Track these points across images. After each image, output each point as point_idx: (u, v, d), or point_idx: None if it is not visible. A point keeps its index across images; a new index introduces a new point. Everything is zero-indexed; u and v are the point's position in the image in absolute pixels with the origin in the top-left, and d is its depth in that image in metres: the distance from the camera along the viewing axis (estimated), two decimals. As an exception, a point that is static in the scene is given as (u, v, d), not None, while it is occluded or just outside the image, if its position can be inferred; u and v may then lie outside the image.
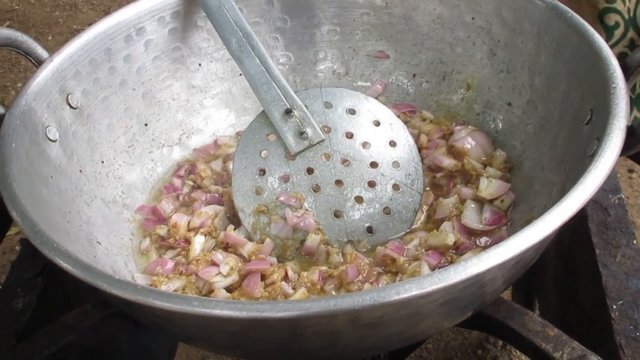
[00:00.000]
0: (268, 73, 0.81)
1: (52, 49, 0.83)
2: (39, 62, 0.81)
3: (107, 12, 2.22)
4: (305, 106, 0.80)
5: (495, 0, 0.87)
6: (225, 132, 0.96)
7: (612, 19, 1.19)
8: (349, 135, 0.79)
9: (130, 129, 0.88)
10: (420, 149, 0.85)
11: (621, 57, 1.21)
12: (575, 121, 0.72)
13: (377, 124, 0.81)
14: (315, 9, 0.97)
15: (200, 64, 0.95)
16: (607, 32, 1.20)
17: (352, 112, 0.81)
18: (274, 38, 0.98)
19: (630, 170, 1.74)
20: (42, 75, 0.78)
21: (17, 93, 1.99)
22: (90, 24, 2.17)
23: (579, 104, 0.73)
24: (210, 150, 0.93)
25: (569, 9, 0.79)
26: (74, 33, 2.14)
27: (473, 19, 0.90)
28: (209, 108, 0.96)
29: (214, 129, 0.96)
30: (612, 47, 1.23)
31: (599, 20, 1.19)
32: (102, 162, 0.83)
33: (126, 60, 0.88)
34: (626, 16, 1.19)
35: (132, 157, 0.88)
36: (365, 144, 0.79)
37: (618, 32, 1.21)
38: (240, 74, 0.91)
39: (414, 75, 0.96)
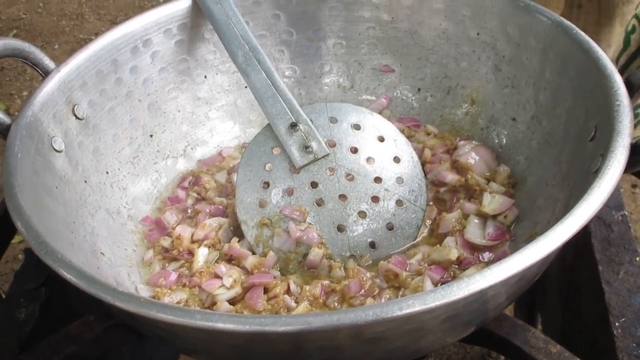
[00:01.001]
0: (274, 87, 0.82)
1: (59, 58, 0.84)
2: (45, 73, 0.81)
3: (113, 22, 2.24)
4: (311, 120, 0.80)
5: (500, 16, 0.87)
6: (230, 144, 0.96)
7: (630, 23, 1.19)
8: (354, 150, 0.80)
9: (136, 140, 0.89)
10: (424, 164, 0.85)
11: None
12: (579, 137, 0.72)
13: (382, 139, 0.81)
14: (321, 22, 0.98)
15: (206, 76, 0.96)
16: (625, 38, 1.20)
17: (357, 127, 0.81)
18: (280, 51, 0.98)
19: (634, 186, 1.74)
20: (49, 86, 0.78)
21: (22, 101, 2.00)
22: (96, 34, 2.19)
23: (584, 121, 0.73)
24: (214, 162, 0.93)
25: (574, 26, 0.79)
26: (80, 42, 2.15)
27: (478, 34, 0.90)
28: (214, 120, 0.96)
29: (218, 141, 0.96)
30: (630, 58, 1.22)
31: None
32: (107, 172, 0.84)
33: (132, 71, 0.88)
34: None
35: (136, 168, 0.88)
36: (369, 159, 0.79)
37: (635, 38, 1.20)
38: (246, 87, 0.91)
39: (419, 89, 0.97)
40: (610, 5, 1.16)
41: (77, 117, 0.81)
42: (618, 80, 0.69)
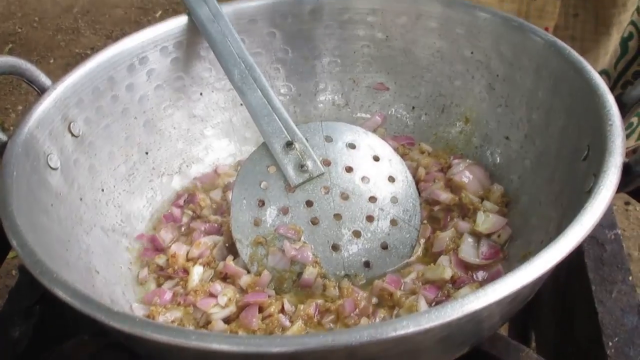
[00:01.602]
0: (270, 105, 0.82)
1: (54, 73, 0.85)
2: (42, 90, 0.82)
3: (109, 37, 2.25)
4: (306, 139, 0.80)
5: (493, 35, 0.88)
6: (226, 161, 0.97)
7: (627, 30, 1.19)
8: (349, 170, 0.80)
9: (131, 157, 0.89)
10: (418, 182, 0.86)
11: (635, 78, 1.22)
12: (572, 157, 0.73)
13: (377, 159, 0.81)
14: (316, 40, 0.98)
15: (201, 94, 0.96)
16: (622, 45, 1.21)
17: (352, 146, 0.81)
18: (275, 69, 0.99)
19: (627, 203, 1.75)
20: (45, 104, 0.78)
21: (17, 115, 2.00)
22: (92, 48, 2.20)
23: (576, 140, 0.74)
24: (210, 180, 0.93)
25: (567, 46, 0.80)
26: (76, 57, 2.16)
27: (472, 53, 0.91)
28: (209, 137, 0.97)
29: (214, 158, 0.97)
30: (628, 64, 1.23)
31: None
32: (102, 190, 0.84)
33: (128, 89, 0.89)
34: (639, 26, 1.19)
35: (132, 186, 0.88)
36: (364, 179, 0.80)
37: (633, 45, 1.21)
38: (241, 104, 0.91)
39: (413, 107, 0.97)
40: (607, 14, 1.17)
41: (72, 135, 0.81)
42: (610, 100, 0.69)
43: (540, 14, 1.17)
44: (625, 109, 0.72)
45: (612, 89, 1.23)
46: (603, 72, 1.22)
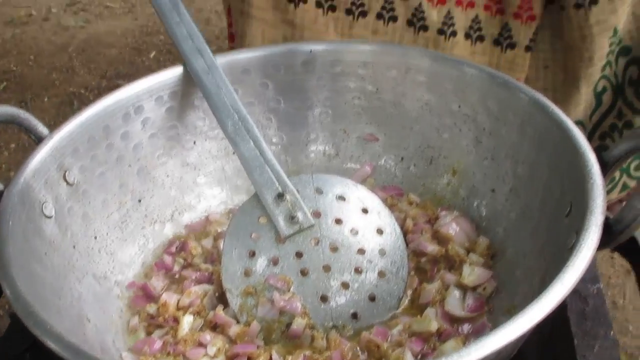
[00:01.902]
0: (262, 156, 0.84)
1: (48, 111, 0.86)
2: (39, 139, 0.83)
3: (103, 76, 2.27)
4: (297, 191, 0.82)
5: (480, 90, 0.91)
6: (217, 209, 0.98)
7: (600, 84, 1.23)
8: (338, 222, 0.82)
9: (124, 205, 0.90)
10: (406, 233, 0.88)
11: (612, 130, 1.25)
12: (555, 212, 0.75)
13: (366, 211, 0.83)
14: (308, 91, 1.01)
15: (195, 142, 0.98)
16: (596, 97, 1.24)
17: (341, 198, 0.83)
18: (268, 118, 1.01)
19: (613, 250, 1.77)
20: (42, 153, 0.80)
21: (10, 154, 2.01)
22: (86, 87, 2.22)
23: (559, 196, 0.76)
24: (201, 227, 0.95)
25: (550, 103, 0.82)
26: (70, 96, 2.18)
27: (459, 107, 0.93)
28: (201, 185, 0.98)
29: (206, 206, 0.98)
30: (603, 116, 1.26)
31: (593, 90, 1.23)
32: (95, 237, 0.85)
33: (123, 137, 0.91)
34: (613, 81, 1.23)
35: (124, 233, 0.89)
36: (353, 231, 0.82)
37: (606, 98, 1.24)
38: (234, 153, 0.93)
39: (402, 158, 1.00)
40: (575, 67, 1.21)
41: (67, 183, 0.83)
42: (592, 159, 0.72)
43: (510, 66, 1.21)
44: (606, 168, 0.74)
45: (588, 139, 1.26)
46: (578, 123, 1.25)
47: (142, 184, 0.93)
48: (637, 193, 0.67)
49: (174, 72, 0.94)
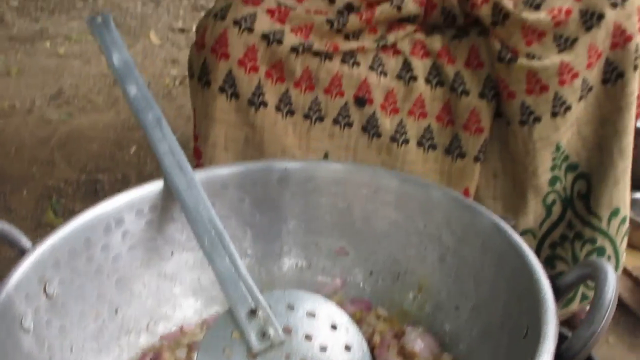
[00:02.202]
0: (236, 272, 0.88)
1: (26, 204, 0.89)
2: (22, 252, 0.87)
3: (83, 170, 2.31)
4: (269, 306, 0.86)
5: (445, 212, 0.96)
6: (192, 319, 1.01)
7: (550, 197, 1.29)
8: (308, 338, 0.85)
9: (101, 316, 0.93)
10: (373, 348, 0.91)
11: (563, 240, 1.31)
12: (514, 333, 0.79)
13: (335, 327, 0.87)
14: (282, 206, 1.06)
15: (172, 253, 1.02)
16: (546, 208, 1.30)
17: (312, 314, 0.87)
18: (244, 231, 1.05)
19: None
20: (24, 266, 0.83)
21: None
22: (65, 180, 2.25)
23: (517, 317, 0.80)
24: (175, 338, 0.97)
25: (508, 228, 0.88)
26: (49, 189, 2.21)
27: (425, 226, 0.99)
28: (177, 296, 1.02)
29: (181, 316, 1.01)
30: (553, 225, 1.32)
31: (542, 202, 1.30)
32: (71, 349, 0.87)
33: (103, 249, 0.94)
34: (562, 194, 1.29)
35: (99, 344, 0.92)
36: (322, 347, 0.85)
37: (556, 209, 1.30)
38: (209, 265, 0.97)
39: (371, 272, 1.04)
40: (522, 178, 1.28)
41: (47, 296, 0.85)
42: (546, 285, 0.77)
43: (460, 174, 1.28)
44: (559, 293, 0.79)
45: (538, 248, 1.34)
46: (529, 231, 1.31)
47: (119, 295, 0.96)
48: (584, 321, 0.72)
49: (155, 187, 0.99)
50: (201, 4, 3.99)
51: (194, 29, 3.51)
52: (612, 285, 0.72)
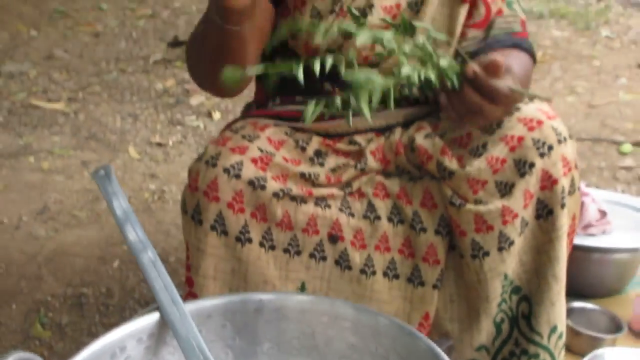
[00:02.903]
0: (221, 391, 1.08)
1: (15, 319, 1.01)
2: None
3: (69, 284, 2.48)
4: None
5: (391, 337, 1.18)
6: None
7: (499, 316, 1.51)
8: None
9: None
10: None
11: (511, 356, 1.51)
12: None
13: None
14: (258, 331, 1.26)
15: (165, 373, 1.21)
16: (496, 327, 1.51)
17: None
18: (226, 352, 1.25)
19: None
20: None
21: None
22: (52, 295, 2.40)
23: None
24: None
25: (441, 352, 1.10)
26: (37, 303, 2.37)
27: (376, 348, 1.20)
28: (171, 410, 1.20)
29: None
30: (503, 343, 1.53)
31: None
32: None
33: (108, 374, 1.13)
34: (509, 314, 1.51)
35: None
36: None
37: (505, 328, 1.51)
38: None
39: (333, 388, 1.24)
40: (476, 302, 1.49)
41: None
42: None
43: (421, 300, 1.50)
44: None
45: None
46: (483, 347, 1.52)
47: (123, 411, 1.15)
48: None
49: (153, 318, 1.19)
50: (177, 118, 4.22)
51: (170, 143, 3.78)
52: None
